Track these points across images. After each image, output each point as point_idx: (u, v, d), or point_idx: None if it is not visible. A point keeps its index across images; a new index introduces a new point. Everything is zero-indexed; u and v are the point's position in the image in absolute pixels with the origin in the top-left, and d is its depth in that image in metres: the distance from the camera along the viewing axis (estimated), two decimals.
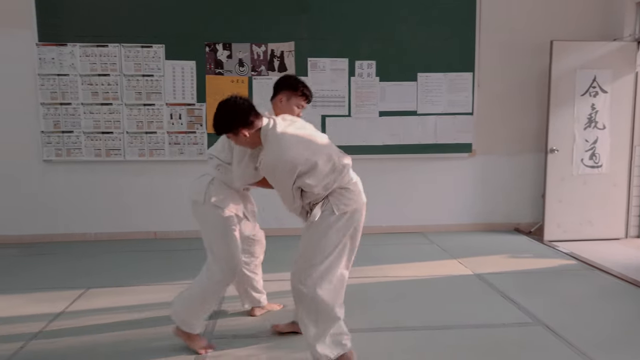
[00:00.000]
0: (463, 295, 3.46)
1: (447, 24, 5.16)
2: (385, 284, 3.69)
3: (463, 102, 5.29)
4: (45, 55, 4.82)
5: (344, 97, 5.15)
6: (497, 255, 4.44)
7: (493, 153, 5.40)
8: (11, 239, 4.94)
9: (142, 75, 4.94)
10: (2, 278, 3.87)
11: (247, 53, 5.01)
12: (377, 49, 5.13)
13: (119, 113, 4.94)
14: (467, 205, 5.44)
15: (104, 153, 4.97)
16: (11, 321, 3.00)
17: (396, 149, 5.25)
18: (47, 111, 4.88)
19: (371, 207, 5.16)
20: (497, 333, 2.83)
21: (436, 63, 5.21)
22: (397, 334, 2.83)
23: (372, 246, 4.76)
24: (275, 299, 3.21)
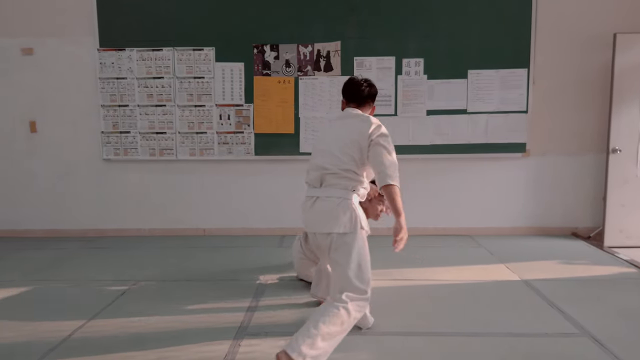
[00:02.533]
0: (506, 301, 3.31)
1: (500, 18, 4.96)
2: (426, 287, 3.61)
3: (516, 100, 5.07)
4: (105, 60, 5.12)
5: (390, 96, 5.09)
6: (549, 261, 4.22)
7: (549, 153, 5.14)
8: (74, 232, 5.29)
9: (194, 78, 5.12)
10: (62, 268, 4.15)
11: (293, 54, 5.06)
12: (426, 46, 5.02)
13: (171, 114, 5.16)
14: (519, 207, 5.21)
15: (157, 152, 5.20)
16: (62, 311, 3.20)
17: (444, 148, 5.11)
18: (107, 113, 5.18)
19: (417, 208, 5.16)
20: (537, 343, 2.69)
21: (488, 59, 5.02)
22: (431, 339, 2.76)
23: (417, 248, 4.68)
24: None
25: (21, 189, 5.30)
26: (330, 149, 2.64)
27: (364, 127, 2.62)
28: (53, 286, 3.68)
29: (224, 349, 2.63)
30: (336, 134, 2.70)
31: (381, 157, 2.55)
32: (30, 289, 3.63)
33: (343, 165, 2.58)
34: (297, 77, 5.09)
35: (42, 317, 3.09)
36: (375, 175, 2.58)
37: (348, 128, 2.67)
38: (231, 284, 3.68)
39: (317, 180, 2.65)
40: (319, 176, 2.63)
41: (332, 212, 2.53)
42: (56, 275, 3.97)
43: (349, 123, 2.70)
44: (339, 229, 2.51)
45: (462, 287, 3.62)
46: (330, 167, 2.59)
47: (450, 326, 2.92)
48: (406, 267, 4.06)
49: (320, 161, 2.66)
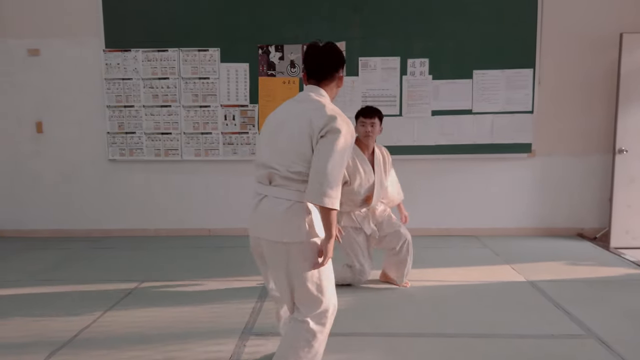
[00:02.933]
0: (512, 302, 3.30)
1: (505, 19, 4.95)
2: (430, 288, 3.60)
3: (522, 100, 5.05)
4: (111, 61, 5.13)
5: (395, 96, 5.08)
6: (555, 262, 4.21)
7: (555, 153, 5.11)
8: (79, 232, 5.31)
9: (199, 78, 5.13)
10: (68, 268, 4.17)
11: (298, 54, 5.07)
12: (431, 46, 5.01)
13: (177, 115, 5.17)
14: (525, 208, 5.19)
15: (162, 153, 5.22)
16: (68, 310, 3.22)
17: (449, 149, 5.10)
18: (113, 113, 5.20)
19: (421, 208, 5.15)
20: (543, 344, 2.68)
21: (493, 59, 5.02)
22: (437, 340, 2.76)
23: (422, 249, 4.66)
24: None
25: (27, 189, 5.33)
26: (279, 144, 2.05)
27: (317, 117, 1.99)
28: (59, 286, 3.69)
29: (230, 349, 2.63)
30: (287, 126, 2.06)
31: (323, 160, 1.93)
32: (36, 288, 3.64)
33: (294, 167, 2.00)
34: (302, 78, 5.08)
35: (49, 316, 3.11)
36: (309, 184, 1.96)
37: (300, 118, 2.03)
38: (236, 284, 3.69)
39: (266, 178, 2.08)
40: (267, 175, 2.07)
41: (282, 216, 2.01)
42: (62, 275, 3.99)
43: (302, 111, 2.05)
44: (288, 238, 2.00)
45: (467, 288, 3.61)
46: (278, 167, 2.02)
47: (456, 327, 2.91)
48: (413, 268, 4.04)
49: (266, 159, 2.07)
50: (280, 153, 2.03)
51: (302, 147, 1.99)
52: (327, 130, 1.96)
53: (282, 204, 2.02)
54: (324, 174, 1.91)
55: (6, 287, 3.69)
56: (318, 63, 2.16)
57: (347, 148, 2.00)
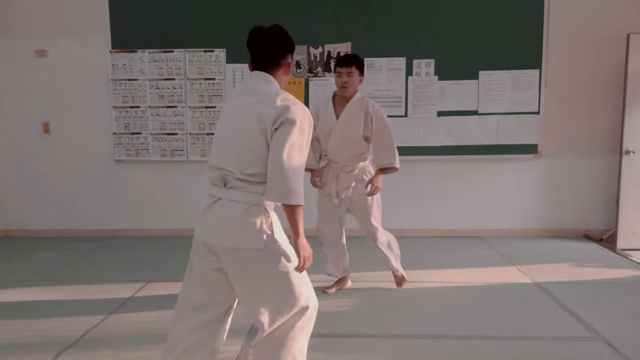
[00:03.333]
0: (518, 304, 3.29)
1: (511, 19, 4.94)
2: (436, 290, 3.60)
3: (528, 101, 5.04)
4: (117, 62, 5.15)
5: (400, 97, 5.08)
6: (561, 264, 4.19)
7: (561, 154, 5.09)
8: (85, 232, 5.34)
9: (205, 79, 5.14)
10: (74, 268, 4.19)
11: (304, 55, 5.07)
12: (436, 47, 5.00)
13: (183, 115, 5.19)
14: (531, 209, 5.17)
15: (168, 153, 5.23)
16: (75, 310, 3.24)
17: (455, 149, 5.09)
18: (119, 114, 5.22)
19: (427, 209, 5.14)
20: (550, 346, 2.67)
21: (499, 60, 5.00)
22: (441, 341, 2.75)
23: (427, 250, 4.67)
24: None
25: (34, 189, 5.36)
26: (227, 144, 1.89)
27: (267, 111, 1.81)
28: (65, 286, 3.71)
29: (236, 350, 2.64)
30: (235, 122, 1.88)
31: (280, 155, 1.75)
32: (42, 288, 3.66)
33: (248, 169, 1.83)
34: (308, 78, 5.09)
35: (56, 316, 3.12)
36: (269, 182, 1.79)
37: (247, 114, 1.85)
38: None
39: (220, 180, 1.89)
40: (221, 176, 1.88)
41: (238, 220, 1.82)
42: (68, 275, 4.01)
43: (248, 105, 1.87)
44: (246, 244, 1.81)
45: (473, 289, 3.60)
46: (231, 169, 1.84)
47: (461, 329, 2.91)
48: (416, 269, 4.04)
49: (218, 161, 1.89)
50: (232, 153, 1.85)
51: (255, 146, 1.81)
52: (281, 122, 1.78)
53: (238, 207, 1.83)
54: (283, 169, 1.74)
55: (13, 286, 3.71)
56: (262, 48, 1.93)
57: (306, 138, 1.83)
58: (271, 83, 1.92)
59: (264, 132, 1.80)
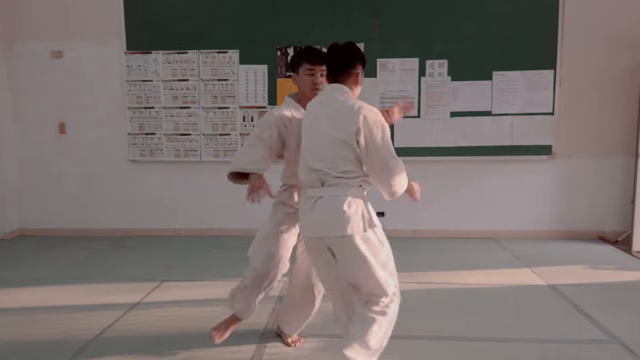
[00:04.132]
0: (533, 306, 3.28)
1: (526, 19, 4.91)
2: (449, 291, 3.59)
3: (543, 102, 5.00)
4: (132, 63, 5.21)
5: (413, 97, 5.07)
6: (576, 266, 4.16)
7: (576, 155, 5.05)
8: (101, 232, 5.40)
9: (218, 80, 5.18)
10: (89, 267, 4.25)
11: None
12: (450, 47, 4.99)
13: (196, 116, 5.22)
14: (545, 210, 5.14)
15: (182, 154, 5.28)
16: (92, 309, 3.28)
17: (468, 150, 5.07)
18: (133, 114, 5.27)
19: (440, 210, 5.12)
20: (565, 349, 2.65)
21: (513, 61, 4.97)
22: (456, 343, 2.75)
23: (439, 251, 4.67)
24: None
25: (50, 189, 5.43)
26: (321, 149, 2.13)
27: (351, 121, 2.05)
28: (82, 285, 3.76)
29: (250, 350, 2.66)
30: (323, 129, 2.13)
31: (378, 161, 2.07)
32: (60, 287, 3.72)
33: (342, 167, 2.08)
34: None
35: (73, 314, 3.17)
36: (379, 185, 2.11)
37: (334, 122, 2.10)
38: None
39: (317, 181, 2.13)
40: (317, 177, 2.13)
41: (343, 211, 2.06)
42: (85, 273, 4.06)
43: (334, 114, 2.12)
44: (352, 230, 2.05)
45: (487, 291, 3.59)
46: (328, 170, 2.10)
47: (476, 331, 2.90)
48: (430, 270, 4.04)
49: (313, 164, 2.15)
50: (325, 156, 2.10)
51: (345, 151, 2.07)
52: (367, 130, 2.04)
53: (340, 200, 2.07)
54: (386, 171, 2.06)
55: (31, 285, 3.76)
56: (335, 59, 2.22)
57: (388, 134, 2.09)
58: (345, 92, 2.17)
59: (351, 137, 2.04)
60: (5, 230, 5.30)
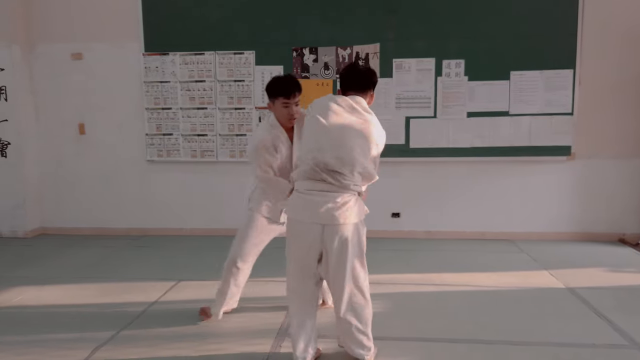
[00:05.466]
0: (550, 309, 3.23)
1: (544, 18, 4.85)
2: (466, 293, 3.56)
3: (561, 102, 4.94)
4: (150, 64, 5.27)
5: (429, 97, 5.04)
6: (595, 268, 4.09)
7: (595, 156, 4.97)
8: (118, 231, 5.48)
9: (234, 81, 5.21)
10: (108, 266, 4.31)
11: (332, 56, 5.08)
12: (467, 47, 4.95)
13: (212, 117, 5.27)
14: (563, 212, 5.06)
15: (199, 154, 5.32)
16: (111, 307, 3.33)
17: (485, 151, 5.03)
18: (151, 115, 5.34)
19: (456, 212, 5.08)
20: (583, 354, 2.61)
21: (532, 60, 4.92)
22: (472, 346, 2.73)
23: (455, 252, 4.63)
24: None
25: (70, 189, 5.53)
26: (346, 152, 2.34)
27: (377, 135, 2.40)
28: (101, 283, 3.81)
29: (266, 349, 2.67)
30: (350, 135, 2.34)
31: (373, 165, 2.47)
32: (80, 285, 3.78)
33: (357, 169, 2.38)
34: (336, 80, 5.10)
35: (92, 312, 3.22)
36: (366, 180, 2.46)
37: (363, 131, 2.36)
38: (271, 285, 3.73)
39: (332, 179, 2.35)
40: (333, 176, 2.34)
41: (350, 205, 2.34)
42: (104, 272, 4.13)
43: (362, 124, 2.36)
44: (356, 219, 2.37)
45: (503, 293, 3.55)
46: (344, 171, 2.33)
47: (493, 334, 2.87)
48: (446, 272, 4.01)
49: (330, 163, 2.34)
50: (347, 159, 2.30)
51: (366, 157, 2.35)
52: (380, 145, 2.42)
53: (349, 196, 2.33)
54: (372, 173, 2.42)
55: (51, 283, 3.83)
56: (358, 80, 2.46)
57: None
58: (368, 109, 2.41)
59: (372, 147, 2.36)
60: (27, 229, 5.41)
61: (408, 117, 5.06)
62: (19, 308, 3.32)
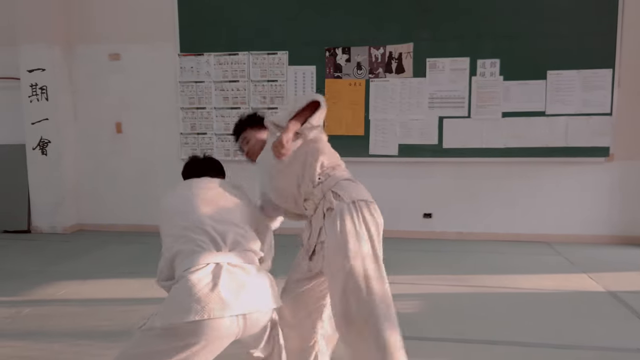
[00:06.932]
0: (590, 313, 3.17)
1: (583, 15, 4.75)
2: (503, 295, 3.51)
3: (600, 102, 4.83)
4: (185, 65, 5.36)
5: (463, 97, 4.99)
6: (636, 272, 3.99)
7: (635, 158, 4.85)
8: (153, 228, 5.54)
9: (267, 81, 5.26)
10: (145, 262, 4.39)
11: (365, 56, 5.08)
12: (502, 46, 4.89)
13: None
14: (602, 214, 4.95)
15: (231, 153, 5.39)
16: (149, 302, 3.38)
17: (520, 152, 4.95)
18: (186, 115, 5.43)
19: (489, 213, 5.02)
20: (627, 359, 2.55)
21: (569, 59, 4.83)
22: (512, 348, 2.69)
23: (490, 254, 4.58)
24: None
25: (107, 186, 5.67)
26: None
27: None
28: (139, 279, 3.90)
29: None
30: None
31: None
32: (119, 280, 3.88)
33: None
34: (368, 79, 5.10)
35: (132, 307, 3.30)
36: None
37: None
38: None
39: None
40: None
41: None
42: (141, 268, 4.21)
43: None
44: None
45: (542, 296, 3.49)
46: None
47: (532, 336, 2.83)
48: (480, 274, 3.97)
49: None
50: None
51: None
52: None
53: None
54: None
55: (92, 277, 3.94)
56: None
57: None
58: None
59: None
60: (65, 225, 5.56)
61: (441, 117, 5.02)
62: (64, 301, 3.42)
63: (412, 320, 3.04)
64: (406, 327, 2.90)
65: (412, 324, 2.98)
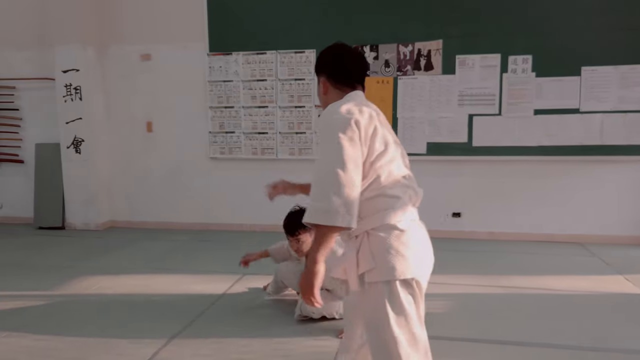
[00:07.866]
0: (628, 315, 3.07)
1: (619, 9, 4.60)
2: (536, 296, 3.44)
3: (637, 98, 4.68)
4: (214, 64, 5.42)
5: (494, 95, 4.90)
6: None
7: None
8: (182, 225, 5.67)
9: (294, 80, 5.27)
10: (175, 259, 4.47)
11: (393, 53, 5.04)
12: (535, 42, 4.78)
13: (273, 115, 5.35)
14: (638, 214, 4.79)
15: (259, 152, 5.42)
16: (182, 297, 3.45)
17: (553, 150, 4.84)
18: (214, 114, 5.49)
19: (520, 212, 4.92)
20: None
21: (604, 55, 4.69)
22: (547, 350, 2.63)
23: (522, 254, 4.48)
24: None
25: (138, 184, 5.78)
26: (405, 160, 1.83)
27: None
28: (170, 275, 3.96)
29: (334, 345, 2.68)
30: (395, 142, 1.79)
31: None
32: (151, 275, 3.95)
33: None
34: (397, 77, 5.06)
35: (165, 302, 3.35)
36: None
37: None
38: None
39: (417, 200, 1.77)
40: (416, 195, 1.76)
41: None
42: (172, 264, 4.28)
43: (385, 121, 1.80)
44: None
45: (576, 297, 3.40)
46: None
47: (567, 338, 2.76)
48: (513, 274, 3.89)
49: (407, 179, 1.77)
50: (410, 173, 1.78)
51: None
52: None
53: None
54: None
55: (124, 272, 4.02)
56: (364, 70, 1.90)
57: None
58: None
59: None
60: (98, 221, 5.70)
61: (471, 115, 4.94)
62: (98, 296, 3.51)
63: (442, 321, 3.00)
64: (437, 327, 2.88)
65: (443, 325, 2.94)
